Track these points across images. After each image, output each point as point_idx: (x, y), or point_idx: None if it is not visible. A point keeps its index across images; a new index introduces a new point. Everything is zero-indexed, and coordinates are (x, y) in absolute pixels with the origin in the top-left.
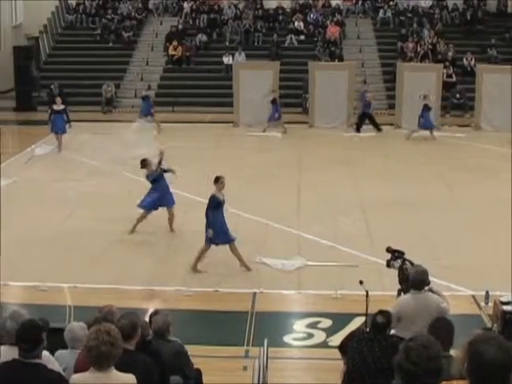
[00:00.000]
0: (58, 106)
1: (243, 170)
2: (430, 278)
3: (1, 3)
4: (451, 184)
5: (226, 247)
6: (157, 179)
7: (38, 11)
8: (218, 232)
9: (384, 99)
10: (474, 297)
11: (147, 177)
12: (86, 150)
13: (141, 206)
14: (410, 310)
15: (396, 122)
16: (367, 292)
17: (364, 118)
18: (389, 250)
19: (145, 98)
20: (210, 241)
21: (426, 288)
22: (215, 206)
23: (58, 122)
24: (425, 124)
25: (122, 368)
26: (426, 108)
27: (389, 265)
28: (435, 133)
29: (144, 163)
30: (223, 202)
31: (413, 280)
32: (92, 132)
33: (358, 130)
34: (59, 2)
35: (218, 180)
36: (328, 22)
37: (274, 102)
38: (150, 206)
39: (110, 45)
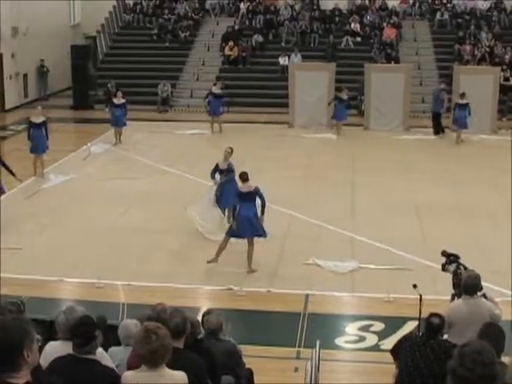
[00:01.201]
0: (119, 100)
1: (297, 171)
2: (483, 284)
3: (59, 3)
4: (505, 189)
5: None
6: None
7: (96, 11)
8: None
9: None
10: None
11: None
12: (142, 149)
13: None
14: (461, 315)
15: (451, 125)
16: (421, 296)
17: (438, 117)
18: (444, 253)
19: (218, 97)
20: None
21: (480, 294)
22: None
23: (117, 115)
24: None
25: (173, 366)
26: (464, 107)
27: (444, 268)
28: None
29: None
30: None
31: (465, 285)
32: (148, 131)
33: (437, 132)
34: (117, 2)
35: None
36: (384, 24)
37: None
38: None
39: (167, 44)
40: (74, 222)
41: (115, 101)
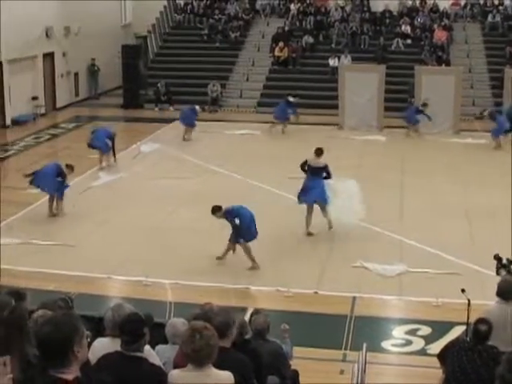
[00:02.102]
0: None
1: (346, 173)
2: None
3: (111, 3)
4: None
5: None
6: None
7: (147, 11)
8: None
9: (491, 106)
10: None
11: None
12: (191, 149)
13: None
14: (493, 319)
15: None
16: (469, 301)
17: None
18: (496, 257)
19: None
20: None
21: None
22: None
23: (189, 115)
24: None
25: (220, 366)
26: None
27: (498, 273)
28: None
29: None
30: None
31: (499, 289)
32: (197, 131)
33: None
34: (167, 2)
35: None
36: (435, 26)
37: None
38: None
39: (217, 45)
40: (122, 220)
41: None
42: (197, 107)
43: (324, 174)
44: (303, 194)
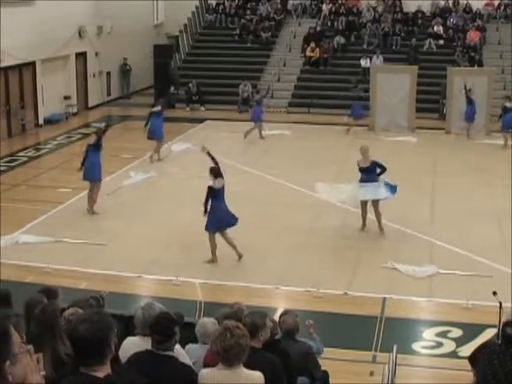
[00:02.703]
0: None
1: None
2: None
3: (143, 3)
4: None
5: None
6: None
7: (179, 11)
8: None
9: None
10: None
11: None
12: (222, 148)
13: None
14: None
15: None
16: (500, 303)
17: None
18: None
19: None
20: None
21: None
22: None
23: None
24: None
25: (250, 366)
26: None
27: None
28: None
29: None
30: None
31: None
32: (228, 131)
33: None
34: (199, 2)
35: None
36: (468, 27)
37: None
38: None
39: (248, 45)
40: (153, 219)
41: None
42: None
43: (378, 171)
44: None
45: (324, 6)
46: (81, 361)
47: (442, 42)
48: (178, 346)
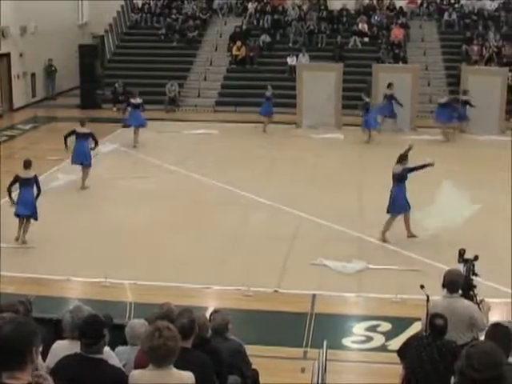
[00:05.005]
0: (136, 100)
1: (305, 172)
2: (493, 285)
3: (68, 2)
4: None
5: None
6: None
7: (104, 10)
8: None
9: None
10: None
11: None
12: (149, 148)
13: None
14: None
15: (461, 126)
16: (428, 296)
17: None
18: (460, 251)
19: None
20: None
21: (479, 299)
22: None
23: (135, 115)
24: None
25: (180, 366)
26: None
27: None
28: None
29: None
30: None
31: (444, 279)
32: (155, 131)
33: None
34: (124, 2)
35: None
36: (392, 25)
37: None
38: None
39: (174, 44)
40: (81, 220)
41: (132, 100)
42: None
43: (406, 179)
44: (390, 203)
45: (250, 5)
46: (2, 366)
47: (366, 39)
48: (107, 349)
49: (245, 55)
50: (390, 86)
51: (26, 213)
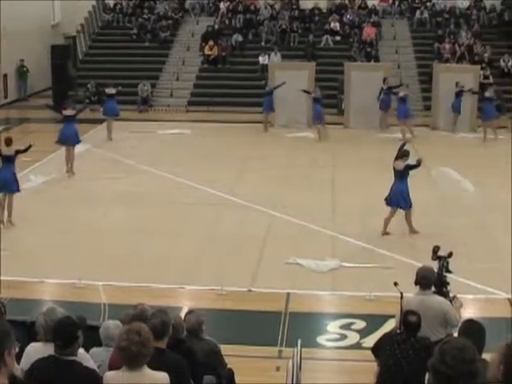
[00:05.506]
0: (110, 90)
1: (277, 170)
2: (467, 281)
3: (39, 3)
4: (489, 187)
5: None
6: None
7: (76, 11)
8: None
9: (420, 100)
10: (509, 300)
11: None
12: (122, 149)
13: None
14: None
15: (432, 124)
16: (402, 294)
17: None
18: (434, 248)
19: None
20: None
21: (451, 296)
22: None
23: (110, 105)
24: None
25: (155, 367)
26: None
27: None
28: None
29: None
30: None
31: (416, 276)
32: (128, 131)
33: None
34: (96, 2)
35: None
36: (364, 23)
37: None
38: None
39: (147, 44)
40: (54, 222)
41: (107, 90)
42: None
43: (408, 175)
44: (389, 196)
45: (221, 5)
46: None
47: (338, 38)
48: (81, 350)
49: (217, 55)
50: (385, 80)
51: (5, 190)
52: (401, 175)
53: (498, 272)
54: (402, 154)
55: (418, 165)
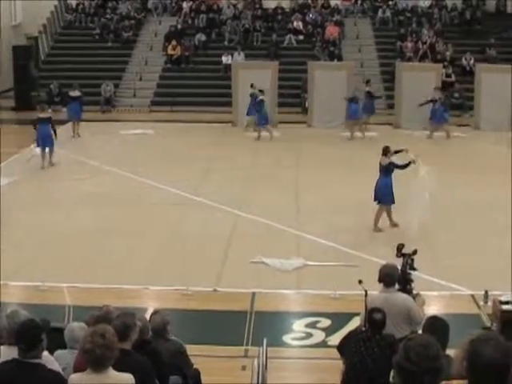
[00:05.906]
0: (74, 93)
1: (241, 170)
2: (431, 278)
3: (0, 3)
4: (455, 184)
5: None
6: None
7: (38, 11)
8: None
9: (383, 99)
10: (473, 296)
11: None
12: (85, 149)
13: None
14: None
15: (395, 122)
16: (366, 291)
17: None
18: (399, 246)
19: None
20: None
21: (414, 293)
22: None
23: (74, 108)
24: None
25: (120, 368)
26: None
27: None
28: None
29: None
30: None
31: (380, 274)
32: (91, 131)
33: None
34: (58, 2)
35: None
36: (327, 22)
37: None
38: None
39: (109, 44)
40: (17, 224)
41: (71, 93)
42: None
43: (392, 171)
44: (374, 192)
45: (184, 4)
46: None
47: (301, 37)
48: (46, 353)
49: (180, 54)
50: (368, 82)
51: None
52: (385, 171)
53: (461, 269)
54: (386, 151)
55: (406, 165)
